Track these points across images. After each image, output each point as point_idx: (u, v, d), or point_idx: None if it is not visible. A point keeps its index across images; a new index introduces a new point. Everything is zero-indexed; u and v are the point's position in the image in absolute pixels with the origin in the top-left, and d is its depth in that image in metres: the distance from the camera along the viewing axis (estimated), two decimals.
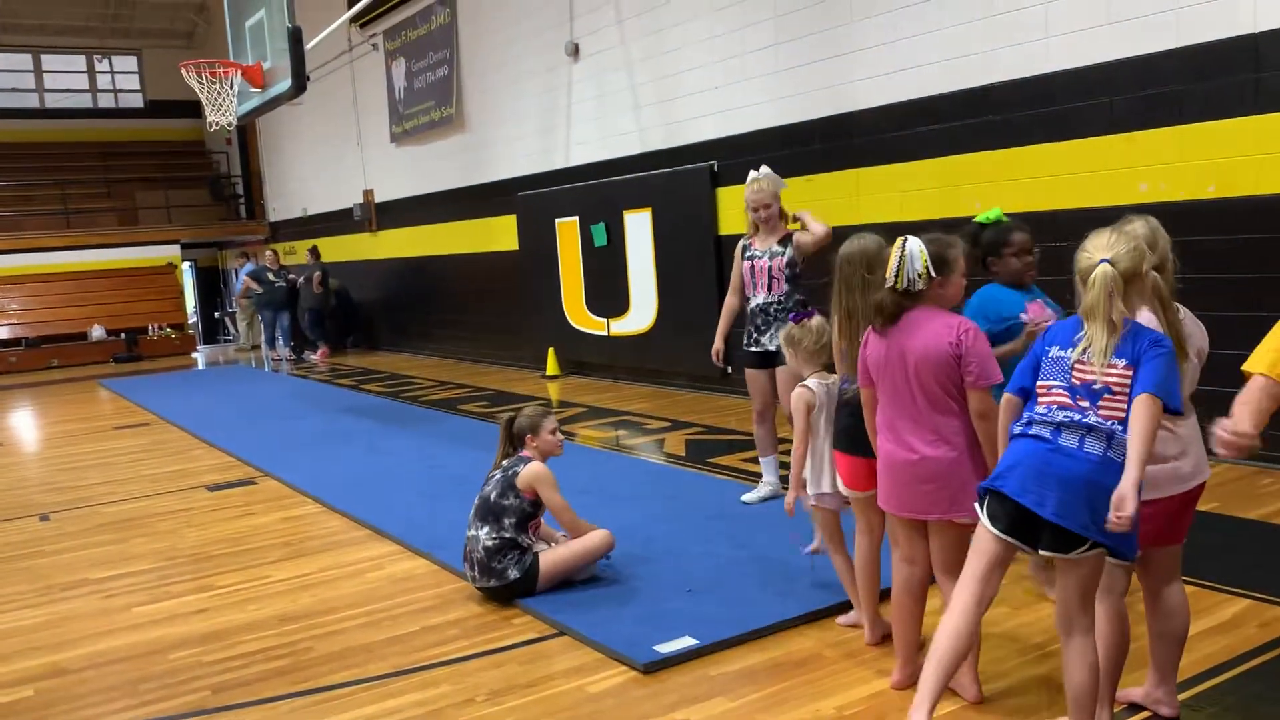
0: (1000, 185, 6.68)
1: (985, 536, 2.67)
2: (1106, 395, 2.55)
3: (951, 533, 3.06)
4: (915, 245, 3.03)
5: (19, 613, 4.68)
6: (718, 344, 5.59)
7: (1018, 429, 2.68)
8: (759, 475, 5.72)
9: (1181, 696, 3.00)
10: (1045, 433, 2.59)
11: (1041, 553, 2.60)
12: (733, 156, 8.83)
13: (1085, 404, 2.56)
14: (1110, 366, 2.54)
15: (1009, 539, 2.63)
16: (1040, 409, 2.63)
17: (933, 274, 3.03)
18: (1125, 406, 2.51)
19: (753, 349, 5.38)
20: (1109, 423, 2.53)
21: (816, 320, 3.90)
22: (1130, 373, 2.52)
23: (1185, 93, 5.74)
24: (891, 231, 3.18)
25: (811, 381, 3.79)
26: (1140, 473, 2.44)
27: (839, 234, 3.76)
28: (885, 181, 7.48)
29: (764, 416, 5.49)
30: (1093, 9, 6.12)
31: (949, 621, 2.69)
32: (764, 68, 8.46)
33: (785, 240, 5.23)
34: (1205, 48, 5.64)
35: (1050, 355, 2.66)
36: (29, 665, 4.03)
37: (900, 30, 7.27)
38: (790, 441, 3.83)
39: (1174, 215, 5.75)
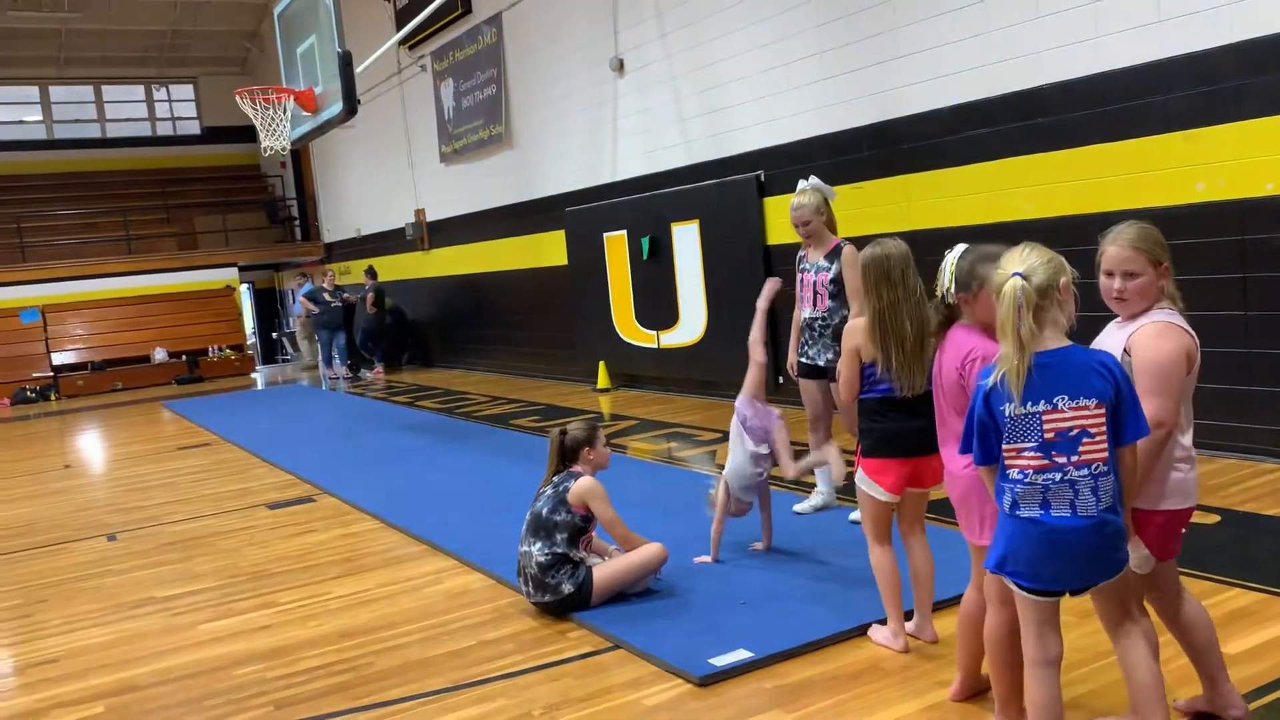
0: (1053, 188, 6.59)
1: (1021, 598, 2.58)
2: (1085, 439, 2.44)
3: None
4: (951, 257, 2.95)
5: (89, 630, 4.80)
6: (791, 358, 5.51)
7: (1006, 506, 2.54)
8: (812, 485, 5.70)
9: (1252, 706, 2.93)
10: (1035, 512, 2.48)
11: (1073, 596, 2.58)
12: (780, 166, 8.81)
13: (1062, 458, 2.45)
14: (1081, 409, 2.44)
15: (1043, 598, 2.56)
16: (1015, 474, 2.50)
17: (954, 290, 2.93)
18: (1105, 446, 2.45)
19: (802, 360, 5.38)
20: (1092, 466, 2.45)
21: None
22: (1103, 411, 2.44)
23: (1243, 88, 5.62)
24: (945, 238, 3.14)
25: None
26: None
27: None
28: (936, 187, 7.42)
29: (817, 426, 5.46)
30: (1143, 7, 6.03)
31: (1029, 702, 2.61)
32: (809, 76, 8.44)
33: (833, 255, 5.20)
34: (1262, 42, 5.52)
35: (1007, 415, 2.49)
36: (100, 682, 4.13)
37: (944, 35, 7.22)
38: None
39: (1233, 213, 5.67)
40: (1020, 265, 2.46)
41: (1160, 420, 2.60)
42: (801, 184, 5.27)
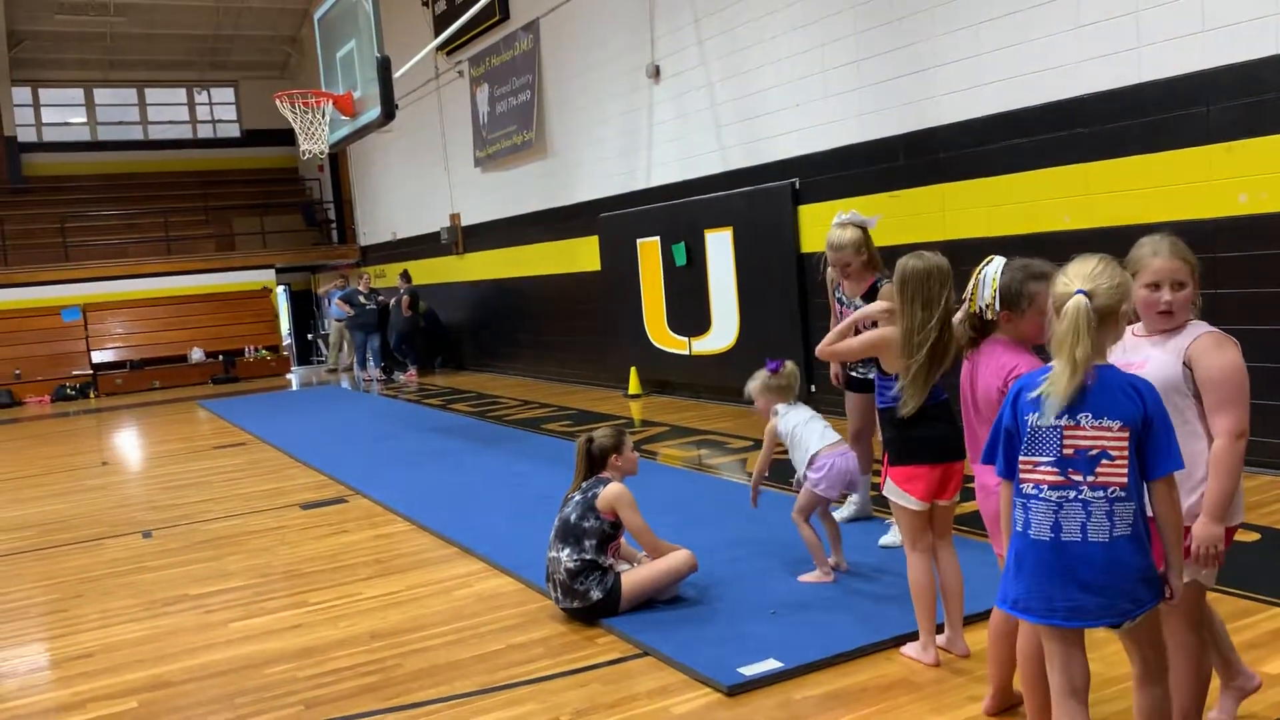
0: (1091, 199, 6.52)
1: (1041, 628, 2.47)
2: (1104, 460, 2.33)
3: None
4: (991, 270, 2.85)
5: (124, 626, 4.86)
6: (834, 368, 5.50)
7: (1019, 524, 2.43)
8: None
9: None
10: (1044, 532, 2.36)
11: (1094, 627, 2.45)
12: (815, 174, 8.79)
13: (1079, 476, 2.34)
14: (1104, 429, 2.33)
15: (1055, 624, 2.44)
16: (1029, 488, 2.40)
17: (997, 306, 2.82)
18: (1124, 471, 2.32)
19: (854, 374, 5.36)
20: (1108, 489, 2.33)
21: (789, 366, 4.64)
22: (1127, 435, 2.32)
23: None
24: (982, 248, 3.10)
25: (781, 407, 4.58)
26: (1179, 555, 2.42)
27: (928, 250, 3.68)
28: (973, 197, 7.36)
29: (859, 437, 5.39)
30: (1187, 17, 5.95)
31: None
32: (845, 84, 8.41)
33: (870, 295, 5.00)
34: None
35: (1030, 425, 2.39)
36: (133, 678, 4.18)
37: (983, 44, 7.17)
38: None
39: (1276, 226, 5.57)
40: (1087, 283, 2.32)
41: (1243, 429, 2.57)
42: (840, 216, 5.00)
